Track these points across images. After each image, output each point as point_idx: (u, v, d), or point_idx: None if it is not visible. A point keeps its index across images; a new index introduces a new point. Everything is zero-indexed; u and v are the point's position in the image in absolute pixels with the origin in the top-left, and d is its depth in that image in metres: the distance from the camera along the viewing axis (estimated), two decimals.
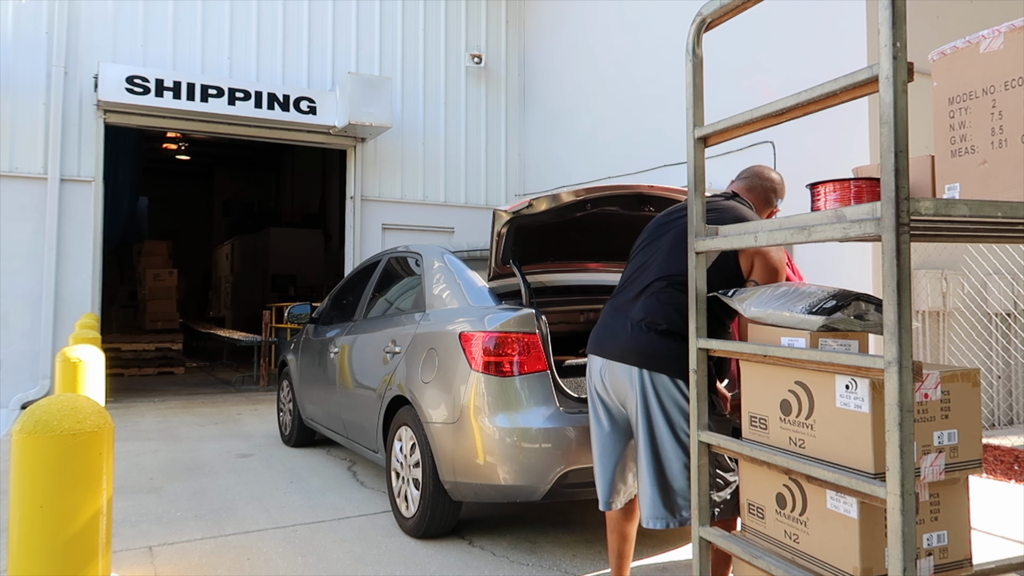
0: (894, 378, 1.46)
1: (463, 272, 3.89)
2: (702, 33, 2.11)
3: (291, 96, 8.94)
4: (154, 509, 4.20)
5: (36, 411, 2.18)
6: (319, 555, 3.46)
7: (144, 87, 8.15)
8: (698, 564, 2.11)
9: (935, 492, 1.91)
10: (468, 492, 3.38)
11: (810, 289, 2.01)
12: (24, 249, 7.93)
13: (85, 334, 5.03)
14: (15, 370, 7.82)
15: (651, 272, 2.58)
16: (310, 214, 18.72)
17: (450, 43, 10.61)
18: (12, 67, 7.93)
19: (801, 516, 1.94)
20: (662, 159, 8.11)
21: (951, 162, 1.83)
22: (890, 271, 1.46)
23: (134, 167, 12.94)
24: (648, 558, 3.45)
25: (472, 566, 3.32)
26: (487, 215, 10.52)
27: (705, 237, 2.11)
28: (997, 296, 6.37)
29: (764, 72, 6.96)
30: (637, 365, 2.48)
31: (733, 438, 2.14)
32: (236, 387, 10.06)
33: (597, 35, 9.58)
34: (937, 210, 1.54)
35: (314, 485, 4.76)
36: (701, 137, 2.10)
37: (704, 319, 2.15)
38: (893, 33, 1.46)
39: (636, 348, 2.50)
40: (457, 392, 3.39)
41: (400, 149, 10.17)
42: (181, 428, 6.82)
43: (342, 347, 4.90)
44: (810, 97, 1.70)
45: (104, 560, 2.32)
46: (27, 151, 7.98)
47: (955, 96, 1.83)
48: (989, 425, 6.46)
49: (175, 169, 22.16)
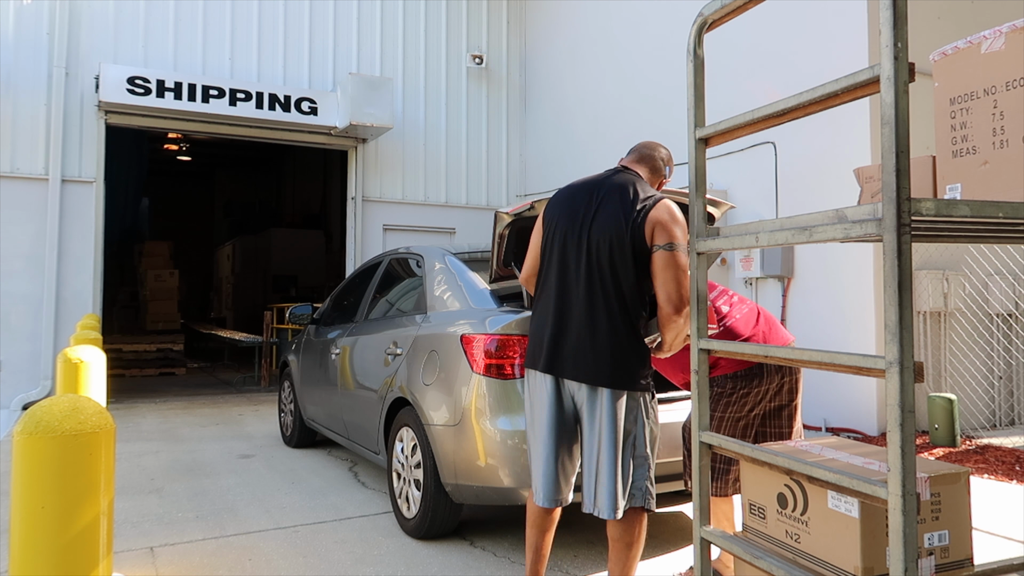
0: (895, 379, 1.46)
1: (464, 274, 3.89)
2: (703, 34, 2.11)
3: (292, 97, 8.95)
4: (155, 510, 4.21)
5: (37, 412, 2.18)
6: (320, 555, 3.47)
7: (145, 88, 8.16)
8: (699, 564, 2.11)
9: (936, 492, 1.91)
10: (469, 494, 3.37)
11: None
12: (25, 250, 7.94)
13: (86, 335, 5.03)
14: (16, 371, 7.83)
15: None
16: (311, 215, 18.72)
17: (451, 44, 10.62)
18: (13, 68, 7.94)
19: (802, 516, 1.94)
20: None
21: (952, 163, 1.83)
22: (891, 271, 1.46)
23: (135, 168, 12.96)
24: (650, 559, 3.45)
25: (473, 567, 3.32)
26: (488, 216, 10.54)
27: (706, 238, 2.11)
28: (998, 296, 6.37)
29: (765, 73, 6.96)
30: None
31: (733, 439, 2.14)
32: (237, 388, 10.06)
33: (598, 36, 9.58)
34: (938, 211, 1.54)
35: (315, 486, 4.76)
36: (702, 138, 2.10)
37: (704, 319, 2.15)
38: (894, 33, 1.46)
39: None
40: (458, 394, 3.39)
41: (401, 150, 10.18)
42: (182, 429, 6.83)
43: (343, 348, 4.90)
44: (811, 98, 1.70)
45: (106, 561, 2.32)
46: (28, 152, 7.99)
47: (956, 96, 1.83)
48: (991, 426, 6.45)
49: (176, 170, 22.18)
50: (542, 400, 2.62)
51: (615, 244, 2.51)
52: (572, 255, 2.60)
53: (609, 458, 2.48)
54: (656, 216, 2.51)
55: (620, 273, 2.51)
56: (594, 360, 2.50)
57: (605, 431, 2.49)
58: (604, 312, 2.51)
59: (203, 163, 21.52)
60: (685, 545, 3.62)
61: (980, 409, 6.35)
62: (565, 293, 2.59)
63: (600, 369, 2.49)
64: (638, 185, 2.62)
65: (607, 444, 2.48)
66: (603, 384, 2.49)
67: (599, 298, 2.52)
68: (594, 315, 2.52)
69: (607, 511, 2.48)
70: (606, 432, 2.49)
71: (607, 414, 2.48)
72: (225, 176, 22.86)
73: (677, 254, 2.48)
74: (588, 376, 2.50)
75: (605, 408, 2.49)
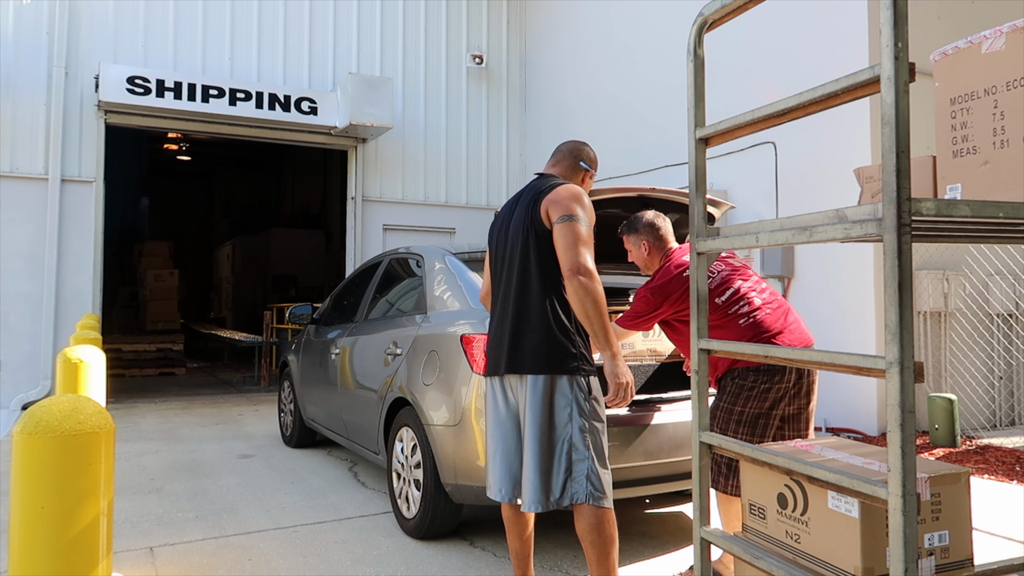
0: (895, 379, 1.46)
1: (464, 274, 3.89)
2: (703, 33, 2.11)
3: (292, 96, 8.95)
4: (155, 510, 4.20)
5: (37, 412, 2.18)
6: (320, 556, 3.46)
7: (145, 87, 8.16)
8: (699, 564, 2.11)
9: (936, 492, 1.90)
10: (469, 495, 3.37)
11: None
12: (25, 250, 7.94)
13: (86, 335, 5.03)
14: (16, 371, 7.83)
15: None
16: (311, 214, 18.73)
17: (451, 43, 10.62)
18: (13, 67, 7.94)
19: (802, 516, 1.94)
20: (663, 160, 8.11)
21: (953, 163, 1.83)
22: (891, 272, 1.46)
23: (135, 168, 12.96)
24: (650, 559, 3.45)
25: (473, 567, 3.32)
26: (488, 216, 10.54)
27: (706, 238, 2.11)
28: (999, 297, 6.37)
29: (765, 73, 6.95)
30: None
31: (733, 439, 2.14)
32: (237, 388, 10.06)
33: (598, 35, 9.58)
34: (939, 211, 1.54)
35: (315, 486, 4.76)
36: (702, 138, 2.10)
37: (705, 319, 2.15)
38: (895, 33, 1.46)
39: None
40: (458, 394, 3.39)
41: (401, 150, 10.18)
42: (182, 429, 6.83)
43: (343, 348, 4.90)
44: (811, 98, 1.70)
45: (105, 561, 2.32)
46: (28, 152, 7.99)
47: (957, 96, 1.83)
48: (991, 426, 6.45)
49: (176, 170, 22.18)
50: (489, 403, 2.72)
51: (525, 237, 2.61)
52: (502, 264, 2.72)
53: (532, 448, 2.49)
54: (551, 197, 2.58)
55: (534, 262, 2.58)
56: (521, 350, 2.56)
57: (529, 419, 2.51)
58: (529, 304, 2.58)
59: (203, 163, 21.52)
60: (685, 545, 3.62)
61: (980, 409, 6.35)
62: (504, 300, 2.69)
63: (524, 358, 2.54)
64: (548, 182, 2.69)
65: (530, 433, 2.50)
66: (527, 371, 2.53)
67: (523, 293, 2.60)
68: (520, 311, 2.59)
69: (527, 503, 2.49)
70: (529, 420, 2.51)
71: (531, 401, 2.51)
72: (225, 176, 22.86)
73: (574, 224, 2.50)
74: (515, 366, 2.56)
75: (530, 395, 2.52)
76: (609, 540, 2.48)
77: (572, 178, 2.81)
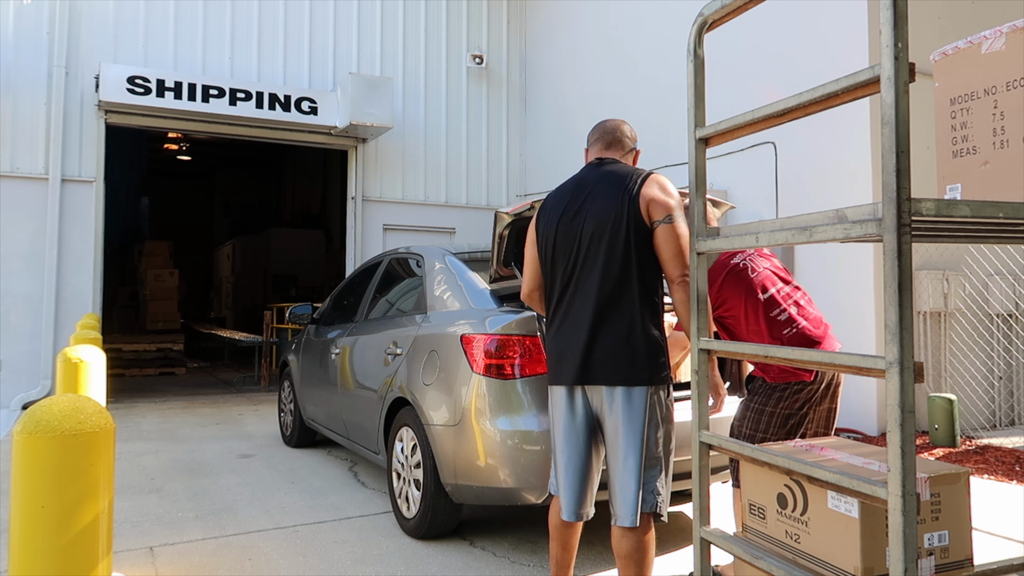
0: (895, 379, 1.46)
1: (464, 274, 3.89)
2: (703, 34, 2.11)
3: (292, 96, 8.95)
4: (155, 509, 4.21)
5: (37, 411, 2.18)
6: (320, 555, 3.46)
7: (145, 87, 8.16)
8: (699, 564, 2.11)
9: (936, 492, 1.91)
10: (469, 494, 3.37)
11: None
12: (25, 249, 7.94)
13: (86, 334, 5.03)
14: (16, 370, 7.83)
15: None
16: (311, 214, 18.73)
17: (451, 43, 10.62)
18: (13, 67, 7.94)
19: (802, 516, 1.94)
20: (663, 160, 8.10)
21: (953, 163, 1.83)
22: (891, 272, 1.46)
23: (135, 167, 12.97)
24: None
25: (473, 567, 3.32)
26: (488, 216, 10.54)
27: (706, 238, 2.11)
28: (998, 297, 6.37)
29: (765, 73, 6.96)
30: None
31: (733, 439, 2.14)
32: (237, 387, 10.06)
33: (598, 35, 9.58)
34: (939, 211, 1.54)
35: (315, 485, 4.76)
36: (702, 138, 2.10)
37: (705, 319, 2.15)
38: (895, 33, 1.46)
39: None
40: (458, 394, 3.39)
41: (401, 149, 10.18)
42: (182, 428, 6.83)
43: (343, 348, 4.90)
44: (811, 98, 1.70)
45: (105, 561, 2.32)
46: (28, 151, 7.99)
47: (957, 96, 1.83)
48: (991, 426, 6.45)
49: (176, 169, 22.19)
50: (559, 413, 2.55)
51: (624, 236, 2.44)
52: (572, 260, 2.53)
53: (632, 461, 2.39)
54: (648, 193, 2.46)
55: (635, 264, 2.43)
56: (616, 359, 2.41)
57: (625, 432, 2.40)
58: (621, 310, 2.43)
59: (203, 163, 21.53)
60: (685, 545, 3.62)
61: (980, 409, 6.35)
62: (580, 301, 2.49)
63: (620, 366, 2.41)
64: (621, 169, 2.57)
65: (628, 446, 2.39)
66: (621, 382, 2.40)
67: (615, 298, 2.44)
68: (610, 315, 2.43)
69: (623, 518, 2.38)
70: (626, 433, 2.40)
71: (629, 413, 2.39)
72: (225, 176, 22.87)
73: (676, 224, 2.43)
74: (605, 377, 2.42)
75: (625, 406, 2.40)
76: (649, 555, 2.42)
77: (628, 157, 2.71)
